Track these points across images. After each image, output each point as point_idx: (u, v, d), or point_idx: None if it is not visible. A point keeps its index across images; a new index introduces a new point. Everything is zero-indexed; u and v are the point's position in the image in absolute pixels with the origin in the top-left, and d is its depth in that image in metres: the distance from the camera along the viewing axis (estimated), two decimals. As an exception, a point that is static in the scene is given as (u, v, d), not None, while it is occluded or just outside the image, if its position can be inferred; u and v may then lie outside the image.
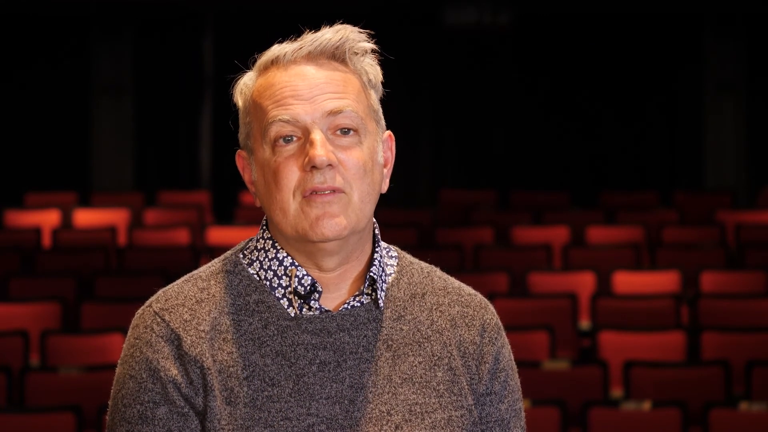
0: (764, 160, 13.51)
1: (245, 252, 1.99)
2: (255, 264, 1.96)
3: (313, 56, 1.93)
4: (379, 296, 1.96)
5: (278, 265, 1.94)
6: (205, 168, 13.82)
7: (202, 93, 13.73)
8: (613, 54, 13.58)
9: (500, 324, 2.04)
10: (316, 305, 1.93)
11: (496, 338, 2.02)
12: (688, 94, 13.61)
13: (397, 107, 13.29)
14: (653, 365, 6.76)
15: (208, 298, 1.94)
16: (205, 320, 1.92)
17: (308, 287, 1.93)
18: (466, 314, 2.01)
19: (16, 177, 13.33)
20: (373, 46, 1.97)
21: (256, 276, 1.96)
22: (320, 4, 11.72)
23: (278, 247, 1.95)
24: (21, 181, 13.09)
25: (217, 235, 10.28)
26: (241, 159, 1.99)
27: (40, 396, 6.47)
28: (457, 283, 2.06)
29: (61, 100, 13.61)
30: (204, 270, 1.99)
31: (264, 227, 1.98)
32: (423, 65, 13.64)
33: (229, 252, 2.01)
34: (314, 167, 1.87)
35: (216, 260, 2.01)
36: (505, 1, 12.72)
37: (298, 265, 1.94)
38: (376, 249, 1.99)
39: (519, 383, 2.04)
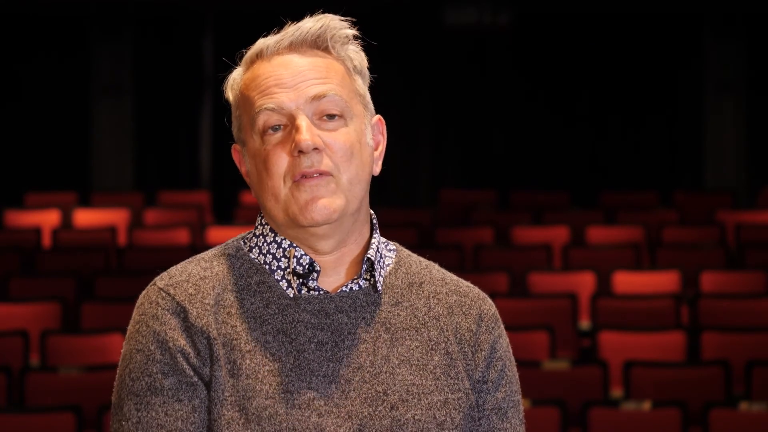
0: (764, 160, 13.51)
1: (245, 240, 2.02)
2: (255, 249, 2.00)
3: (296, 46, 1.97)
4: (377, 280, 1.98)
5: (277, 248, 1.97)
6: (205, 168, 13.82)
7: (202, 93, 13.73)
8: (613, 54, 13.58)
9: (498, 316, 2.05)
10: (315, 285, 1.95)
11: (493, 328, 2.03)
12: (688, 95, 13.61)
13: (397, 107, 13.29)
14: (653, 365, 6.76)
15: (211, 276, 1.97)
16: (210, 294, 1.94)
17: (306, 267, 1.96)
18: (463, 303, 2.03)
19: (16, 177, 13.32)
20: (355, 32, 2.00)
21: (256, 260, 1.99)
22: (320, 4, 11.71)
23: (276, 232, 1.99)
24: (21, 181, 13.09)
25: (217, 235, 10.28)
26: (236, 152, 2.03)
27: (40, 396, 6.47)
28: (455, 277, 2.08)
29: (61, 100, 13.61)
30: (206, 253, 2.03)
31: (261, 216, 2.02)
32: (423, 65, 13.64)
33: (229, 240, 2.05)
34: (301, 152, 1.90)
35: (217, 246, 2.04)
36: (505, 1, 12.72)
37: (296, 246, 1.96)
38: (374, 235, 2.01)
39: (517, 377, 2.04)
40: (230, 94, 2.01)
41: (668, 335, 7.38)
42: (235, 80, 2.00)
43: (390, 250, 2.05)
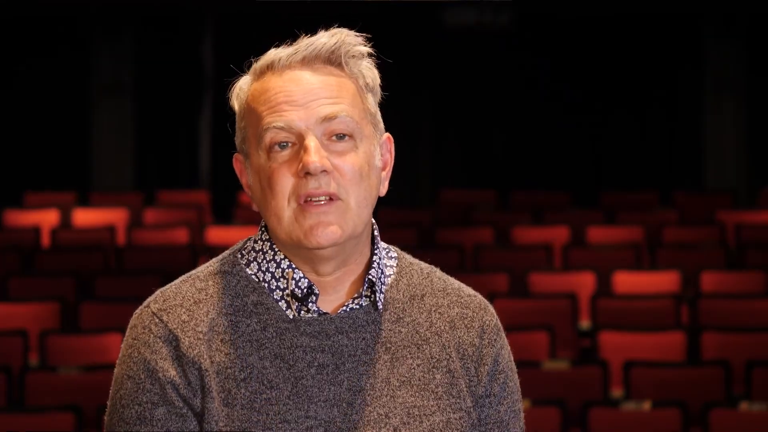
0: (764, 160, 13.50)
1: (243, 252, 1.98)
2: (253, 264, 1.96)
3: (308, 61, 1.92)
4: (377, 299, 1.95)
5: (276, 267, 1.94)
6: (205, 168, 13.82)
7: (202, 93, 13.73)
8: (613, 54, 13.58)
9: (500, 325, 2.03)
10: (314, 308, 1.92)
11: (495, 340, 2.01)
12: (688, 94, 13.61)
13: (397, 107, 13.28)
14: (653, 365, 6.76)
15: (206, 299, 1.93)
16: (203, 321, 1.91)
17: (305, 290, 1.92)
18: (465, 315, 2.00)
19: (16, 177, 13.32)
20: (370, 50, 1.96)
21: (254, 277, 1.95)
22: (320, 5, 11.72)
23: (276, 250, 1.95)
24: (21, 181, 13.08)
25: (216, 235, 10.28)
26: (238, 162, 1.99)
27: (39, 396, 6.47)
28: (457, 283, 2.05)
29: (61, 99, 13.61)
30: (202, 270, 1.99)
31: (263, 228, 1.98)
32: (423, 65, 13.64)
33: (227, 252, 2.01)
34: (308, 173, 1.87)
35: (214, 260, 2.00)
36: (505, 1, 12.72)
37: (295, 268, 1.93)
38: (375, 251, 1.98)
39: (518, 384, 2.03)
40: (236, 103, 1.96)
41: (668, 335, 7.38)
42: (242, 89, 1.95)
43: (391, 258, 2.02)
